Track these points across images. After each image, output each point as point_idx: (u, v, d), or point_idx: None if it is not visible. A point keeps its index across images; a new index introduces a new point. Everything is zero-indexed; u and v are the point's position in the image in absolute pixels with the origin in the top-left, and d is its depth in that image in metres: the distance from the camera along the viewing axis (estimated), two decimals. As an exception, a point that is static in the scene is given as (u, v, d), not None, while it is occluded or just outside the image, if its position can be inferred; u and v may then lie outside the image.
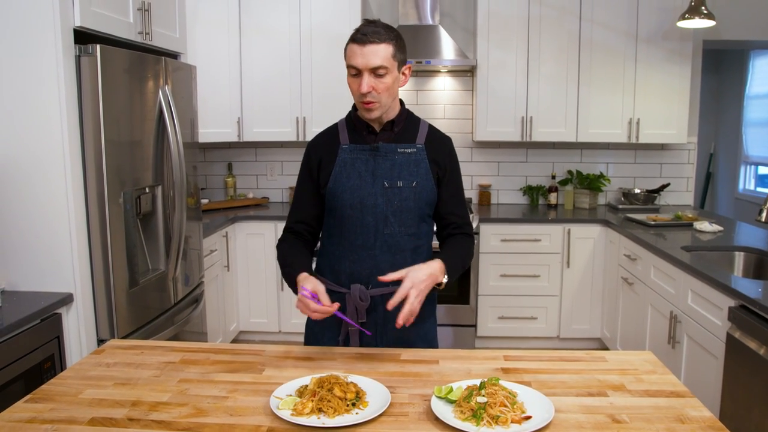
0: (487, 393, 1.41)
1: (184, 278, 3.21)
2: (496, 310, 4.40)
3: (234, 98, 4.52)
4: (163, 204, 2.96)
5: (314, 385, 1.46)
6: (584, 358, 1.80)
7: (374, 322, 1.94)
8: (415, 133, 1.96)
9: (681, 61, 4.42)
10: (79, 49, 2.41)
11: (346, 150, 1.92)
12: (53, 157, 2.38)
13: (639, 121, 4.47)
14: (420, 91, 4.91)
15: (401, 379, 1.63)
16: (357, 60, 1.77)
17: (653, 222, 4.00)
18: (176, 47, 3.28)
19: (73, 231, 2.43)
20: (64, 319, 2.42)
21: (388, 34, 1.79)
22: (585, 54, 4.42)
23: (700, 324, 2.80)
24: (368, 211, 1.89)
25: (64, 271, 2.45)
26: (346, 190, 1.89)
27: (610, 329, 4.19)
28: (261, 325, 4.54)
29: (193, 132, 3.37)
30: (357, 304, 1.91)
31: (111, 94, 2.52)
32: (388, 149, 1.91)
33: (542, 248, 4.32)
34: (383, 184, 1.88)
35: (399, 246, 1.91)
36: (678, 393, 1.55)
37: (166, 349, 1.87)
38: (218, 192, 5.10)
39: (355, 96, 1.84)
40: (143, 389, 1.58)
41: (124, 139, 2.64)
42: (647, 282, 3.49)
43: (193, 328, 3.33)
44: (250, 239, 4.42)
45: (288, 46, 4.50)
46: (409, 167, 1.90)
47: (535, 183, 4.97)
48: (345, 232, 1.92)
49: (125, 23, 2.74)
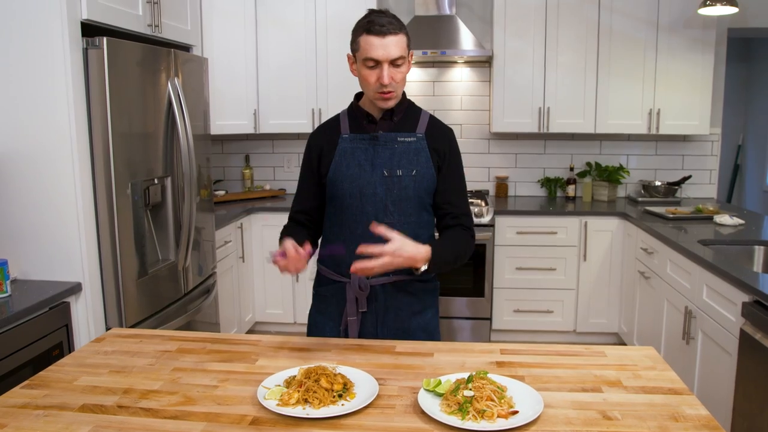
0: (475, 387, 1.39)
1: (196, 268, 3.23)
2: (511, 303, 4.36)
3: (250, 90, 4.53)
4: (173, 195, 2.98)
5: (301, 376, 1.46)
6: (583, 352, 1.76)
7: (374, 312, 1.94)
8: (415, 123, 1.96)
9: (704, 50, 4.30)
10: (86, 42, 2.43)
11: (346, 139, 1.93)
12: (61, 148, 2.42)
13: (660, 112, 4.38)
14: (437, 82, 4.86)
15: (393, 371, 1.62)
16: (378, 52, 1.77)
17: (672, 215, 3.91)
18: (188, 39, 3.30)
19: (81, 221, 2.46)
20: (72, 307, 2.46)
21: (400, 23, 1.82)
22: (604, 43, 4.34)
23: (714, 320, 2.74)
24: (368, 200, 1.89)
25: (72, 260, 2.49)
26: (346, 179, 1.90)
27: (627, 324, 4.13)
28: (276, 316, 4.56)
29: (205, 124, 3.39)
30: (357, 294, 1.91)
31: (119, 87, 2.54)
32: (388, 138, 1.91)
33: (559, 241, 4.26)
34: (383, 173, 1.89)
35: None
36: (676, 390, 1.51)
37: (165, 338, 1.88)
38: (236, 184, 5.13)
39: (372, 87, 1.84)
40: (137, 377, 1.59)
41: (132, 131, 2.66)
42: (663, 276, 3.42)
43: (205, 318, 3.36)
44: (266, 230, 4.43)
45: (304, 38, 4.49)
46: (408, 156, 1.90)
47: (553, 175, 4.90)
48: (345, 220, 1.92)
49: (134, 16, 2.76)
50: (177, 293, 3.03)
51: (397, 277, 1.88)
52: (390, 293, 1.93)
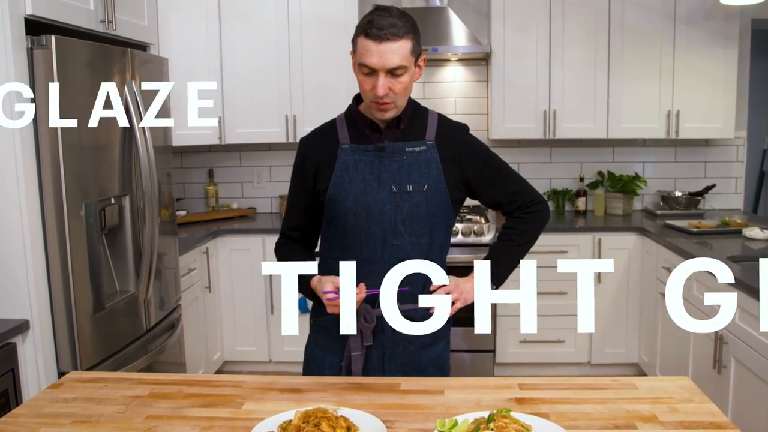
0: (497, 427, 1.42)
1: (158, 301, 3.23)
2: (517, 332, 4.40)
3: (214, 95, 4.55)
4: (132, 217, 2.99)
5: (299, 420, 1.48)
6: (611, 385, 1.81)
7: (381, 345, 1.96)
8: (423, 128, 1.97)
9: (726, 44, 4.42)
10: (31, 41, 2.43)
11: (346, 151, 1.93)
12: (3, 164, 2.41)
13: (679, 114, 4.47)
14: (427, 83, 4.93)
15: (400, 413, 1.64)
16: (372, 59, 1.78)
17: (696, 229, 4.00)
18: (145, 37, 3.32)
19: (28, 248, 2.46)
20: (19, 349, 2.44)
21: (406, 25, 1.80)
22: (616, 37, 4.44)
23: (750, 345, 2.80)
24: (374, 220, 1.90)
25: (18, 294, 2.47)
26: (349, 197, 1.90)
27: (649, 353, 4.18)
28: (249, 354, 4.55)
29: (166, 134, 3.41)
30: (362, 326, 1.91)
31: (69, 92, 2.55)
32: (395, 149, 1.92)
33: (569, 261, 4.31)
34: (391, 189, 1.90)
35: (409, 259, 1.92)
36: (718, 424, 1.56)
37: (134, 382, 1.88)
38: (198, 203, 5.13)
39: (368, 95, 1.85)
40: (105, 428, 1.59)
41: (85, 143, 2.67)
42: (689, 298, 3.48)
43: (169, 358, 3.35)
44: (235, 255, 4.44)
45: (275, 34, 4.52)
46: (419, 168, 1.91)
47: (561, 186, 4.98)
48: (348, 244, 1.93)
49: (84, 11, 2.78)
50: (138, 330, 3.03)
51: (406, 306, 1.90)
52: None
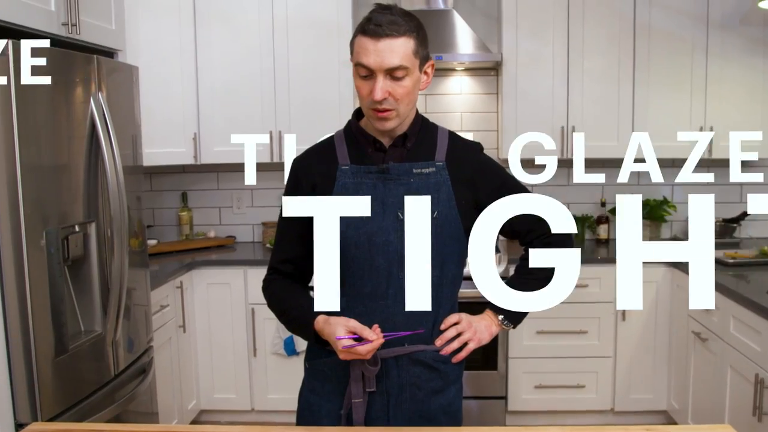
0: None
1: (127, 342, 3.23)
2: (532, 376, 4.41)
3: (189, 108, 4.57)
4: (99, 246, 3.00)
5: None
6: (643, 438, 1.82)
7: (385, 391, 1.95)
8: (433, 147, 1.99)
9: (765, 52, 4.47)
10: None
11: (346, 172, 1.94)
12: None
13: (712, 130, 4.51)
14: (429, 95, 4.97)
15: (406, 470, 1.65)
16: (369, 58, 1.79)
17: (732, 260, 4.04)
18: (112, 43, 3.36)
19: (-18, 283, 2.46)
20: (-30, 397, 2.45)
21: (408, 24, 1.82)
22: (641, 44, 4.49)
23: (797, 392, 2.81)
24: (379, 251, 1.91)
25: (-30, 335, 2.48)
26: (351, 225, 1.88)
27: (680, 399, 4.18)
28: (228, 402, 4.53)
29: (135, 153, 3.43)
30: (364, 370, 1.90)
31: (28, 105, 2.56)
32: (401, 170, 1.93)
33: (590, 296, 4.33)
34: (396, 216, 1.89)
35: None
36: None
37: (103, 435, 1.88)
38: (170, 230, 5.13)
39: (365, 102, 1.87)
40: (72, 488, 1.60)
41: (45, 162, 2.68)
42: (725, 337, 3.50)
43: (139, 407, 3.34)
44: (213, 290, 4.44)
45: (258, 39, 4.55)
46: (428, 193, 1.89)
47: (581, 212, 5.00)
48: (349, 277, 1.91)
49: (44, 12, 2.81)
50: (105, 376, 3.02)
51: (414, 348, 1.90)
52: (405, 367, 1.94)
